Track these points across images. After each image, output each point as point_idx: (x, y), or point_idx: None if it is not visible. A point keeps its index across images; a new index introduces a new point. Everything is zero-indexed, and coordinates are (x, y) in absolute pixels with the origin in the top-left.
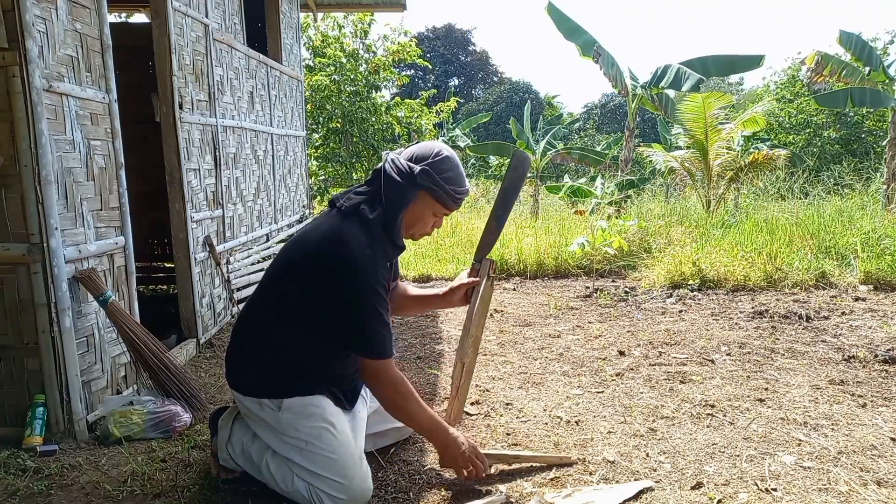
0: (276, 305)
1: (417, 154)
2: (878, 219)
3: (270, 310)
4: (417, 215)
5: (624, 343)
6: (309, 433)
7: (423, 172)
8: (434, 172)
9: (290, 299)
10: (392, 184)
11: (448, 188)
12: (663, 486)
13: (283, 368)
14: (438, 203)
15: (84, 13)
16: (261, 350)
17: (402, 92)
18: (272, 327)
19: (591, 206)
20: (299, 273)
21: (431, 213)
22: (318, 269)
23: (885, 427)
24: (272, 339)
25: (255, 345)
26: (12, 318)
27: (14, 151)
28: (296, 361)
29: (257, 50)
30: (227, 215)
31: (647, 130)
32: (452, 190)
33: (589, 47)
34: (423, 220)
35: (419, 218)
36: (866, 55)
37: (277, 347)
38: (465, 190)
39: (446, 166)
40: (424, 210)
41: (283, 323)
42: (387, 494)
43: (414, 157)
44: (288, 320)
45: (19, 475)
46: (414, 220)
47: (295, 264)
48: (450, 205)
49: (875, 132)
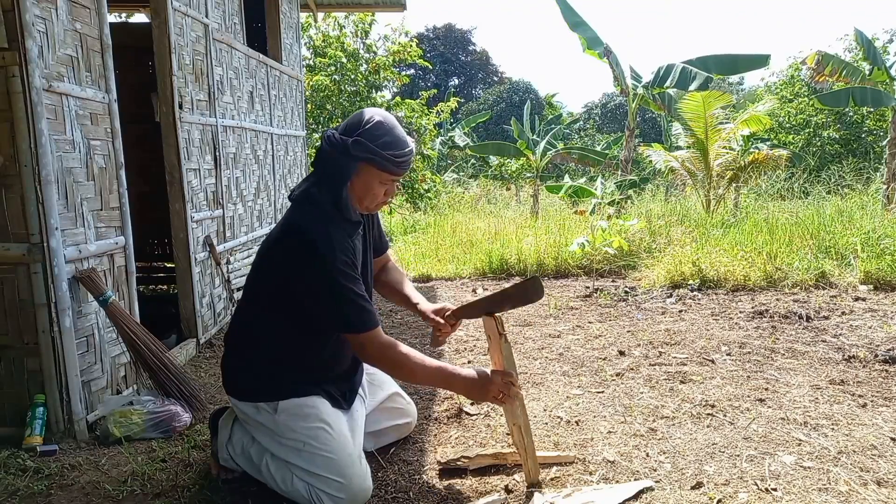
0: (258, 305)
1: (349, 125)
2: (878, 219)
3: (254, 311)
4: (364, 187)
5: (624, 343)
6: (306, 434)
7: (356, 143)
8: (367, 141)
9: (267, 296)
10: (329, 160)
11: (386, 154)
12: (663, 485)
13: (276, 369)
14: (382, 171)
15: (84, 13)
16: (252, 352)
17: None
18: (258, 327)
19: (591, 206)
20: (268, 268)
21: (378, 181)
22: (283, 260)
23: (885, 427)
24: (261, 339)
25: (245, 347)
26: (12, 318)
27: (14, 151)
28: (287, 359)
29: (257, 50)
30: (227, 215)
31: (647, 130)
32: (391, 155)
33: (594, 43)
34: (371, 191)
35: (367, 189)
36: (872, 54)
37: (267, 347)
38: (407, 151)
39: (380, 132)
40: (370, 181)
41: (266, 321)
42: (387, 494)
43: (347, 129)
44: (270, 317)
45: (19, 475)
46: (362, 192)
47: (263, 261)
48: (393, 170)
49: (875, 132)
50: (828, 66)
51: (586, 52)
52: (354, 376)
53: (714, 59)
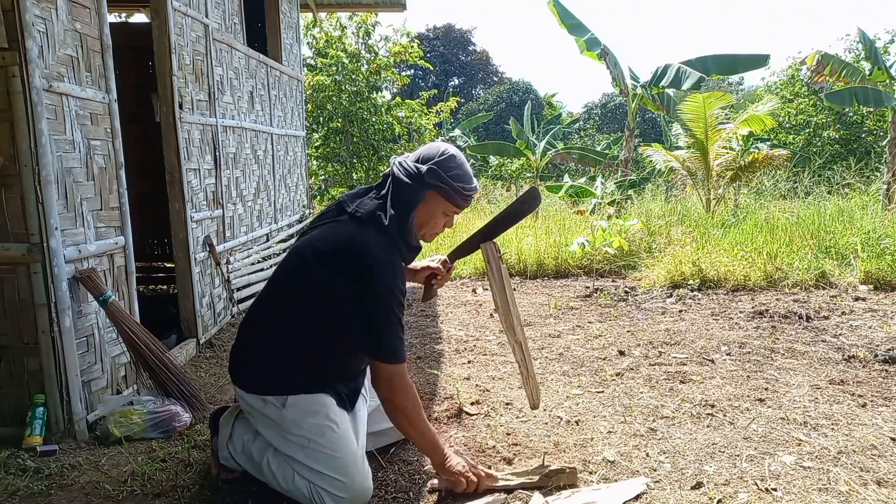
0: (290, 304)
1: (424, 155)
2: (879, 219)
3: (284, 308)
4: (428, 215)
5: (624, 343)
6: (312, 431)
7: (431, 171)
8: (441, 171)
9: (307, 298)
10: (401, 185)
11: (456, 185)
12: (663, 485)
13: (292, 365)
14: (448, 201)
15: (84, 13)
16: (271, 346)
17: (403, 92)
18: (283, 324)
19: (591, 206)
20: (314, 276)
21: (441, 212)
22: (340, 270)
23: (885, 427)
24: (282, 337)
25: (264, 341)
26: (12, 318)
27: (14, 151)
28: (306, 359)
29: (257, 50)
30: (227, 215)
31: (647, 130)
32: (461, 187)
33: (592, 44)
34: (434, 220)
35: (430, 217)
36: (873, 54)
37: (288, 345)
38: (474, 187)
39: (453, 164)
40: (435, 209)
41: (293, 321)
42: (387, 494)
43: (421, 158)
44: (299, 318)
45: (19, 475)
46: (425, 219)
47: (313, 265)
48: (459, 202)
49: (875, 132)
50: (828, 66)
51: (584, 53)
52: (360, 377)
53: (713, 59)
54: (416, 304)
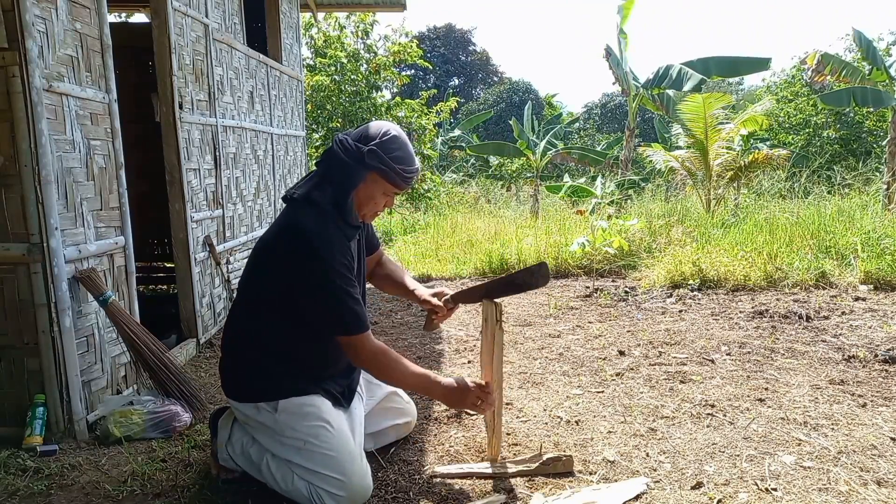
0: (254, 306)
1: (365, 134)
2: (879, 218)
3: (249, 311)
4: (368, 195)
5: (624, 343)
6: (306, 432)
7: (371, 153)
8: (382, 152)
9: (264, 296)
10: (340, 164)
11: (397, 167)
12: (663, 485)
13: (275, 369)
14: (388, 183)
15: (84, 13)
16: (250, 353)
17: (403, 92)
18: (255, 328)
19: (591, 206)
20: (264, 269)
21: (382, 192)
22: (281, 260)
23: (885, 427)
24: (258, 340)
25: (243, 349)
26: (12, 318)
27: (14, 151)
28: (285, 359)
29: (257, 50)
30: (227, 215)
31: (647, 130)
32: (401, 169)
33: None
34: (373, 200)
35: (370, 198)
36: (871, 55)
37: (264, 347)
38: (415, 168)
39: (394, 146)
40: (375, 190)
41: (263, 322)
42: (387, 494)
43: (362, 138)
44: (267, 318)
45: (19, 475)
46: (365, 199)
47: (259, 262)
48: (399, 184)
49: (875, 132)
50: (828, 66)
51: None
52: (352, 374)
53: (715, 60)
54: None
